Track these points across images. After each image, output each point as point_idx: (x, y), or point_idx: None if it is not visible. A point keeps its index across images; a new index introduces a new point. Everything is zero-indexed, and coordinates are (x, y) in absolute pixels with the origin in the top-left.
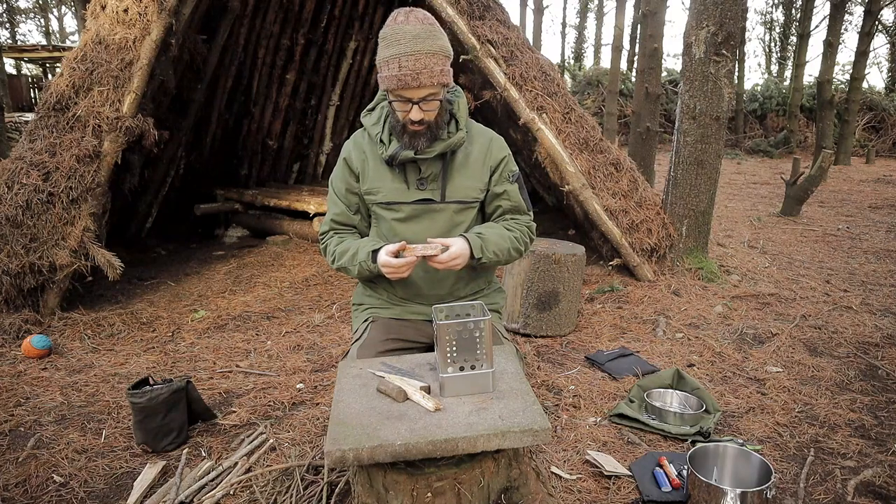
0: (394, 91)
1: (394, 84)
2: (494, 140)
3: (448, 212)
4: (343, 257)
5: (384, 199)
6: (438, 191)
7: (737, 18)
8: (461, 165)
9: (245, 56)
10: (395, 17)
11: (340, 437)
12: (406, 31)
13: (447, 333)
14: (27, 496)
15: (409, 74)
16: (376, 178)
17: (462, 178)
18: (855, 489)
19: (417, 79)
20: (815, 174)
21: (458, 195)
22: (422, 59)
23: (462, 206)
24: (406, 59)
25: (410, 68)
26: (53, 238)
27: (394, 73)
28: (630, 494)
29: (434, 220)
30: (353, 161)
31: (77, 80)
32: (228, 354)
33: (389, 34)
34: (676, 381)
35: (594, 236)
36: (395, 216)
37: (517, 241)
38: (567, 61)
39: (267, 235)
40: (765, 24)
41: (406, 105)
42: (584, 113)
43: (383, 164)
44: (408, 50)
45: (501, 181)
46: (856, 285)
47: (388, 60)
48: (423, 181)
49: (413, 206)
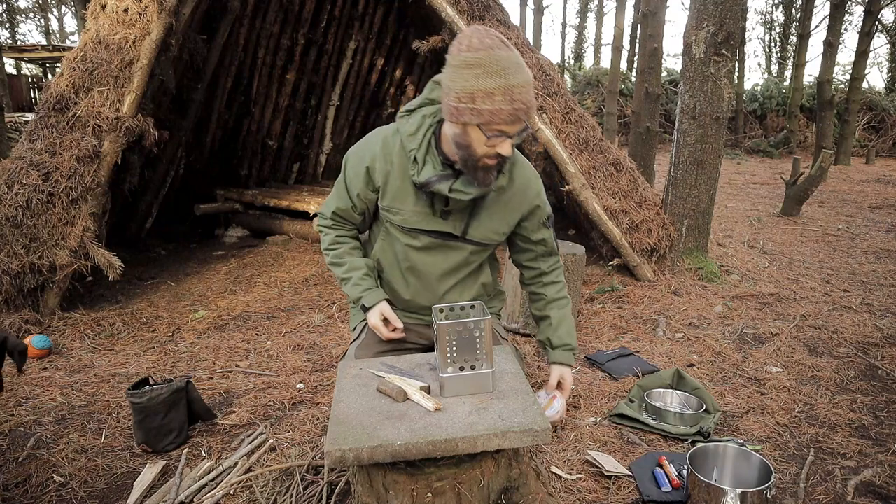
0: (494, 126)
1: (504, 118)
2: (533, 183)
3: (465, 251)
4: (337, 268)
5: (403, 222)
6: (461, 226)
7: (737, 18)
8: (491, 204)
9: (245, 56)
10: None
11: (340, 437)
12: (506, 57)
13: (447, 333)
14: (27, 496)
15: (522, 109)
16: (399, 197)
17: (489, 220)
18: (855, 489)
19: (528, 113)
20: (815, 174)
21: (479, 236)
22: (529, 90)
23: (478, 248)
24: (519, 92)
25: (524, 101)
26: (53, 238)
27: (504, 107)
28: (630, 494)
29: (448, 255)
30: (375, 172)
31: (77, 80)
32: (228, 354)
33: (487, 60)
34: (676, 381)
35: (594, 236)
36: (412, 243)
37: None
38: (567, 61)
39: (267, 235)
40: (765, 24)
41: (499, 140)
42: (584, 113)
43: (410, 184)
44: (519, 81)
45: (539, 228)
46: (856, 285)
47: (494, 91)
48: (447, 212)
49: (431, 238)
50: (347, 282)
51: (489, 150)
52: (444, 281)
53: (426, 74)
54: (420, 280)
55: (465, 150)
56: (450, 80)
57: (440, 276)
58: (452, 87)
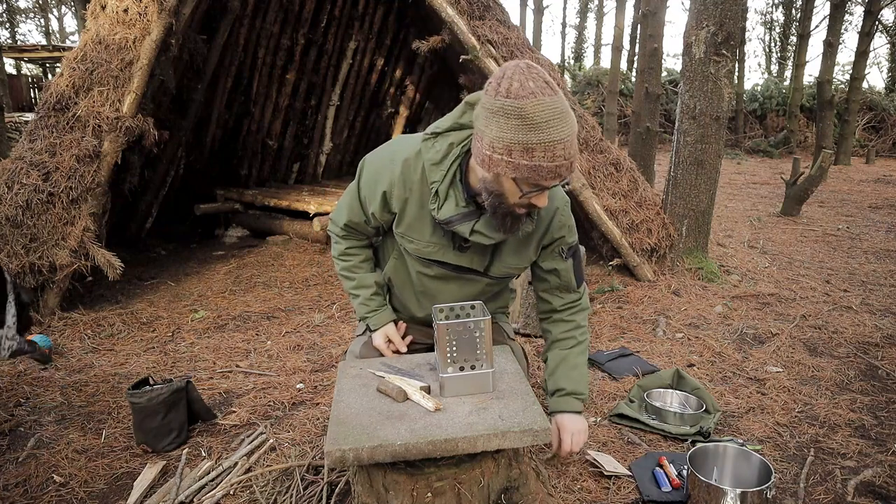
0: (533, 181)
1: (544, 175)
2: (559, 213)
3: (482, 283)
4: (346, 280)
5: (417, 252)
6: (482, 261)
7: (737, 18)
8: (514, 242)
9: (245, 56)
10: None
11: (340, 437)
12: (550, 106)
13: (447, 333)
14: (27, 496)
15: (565, 165)
16: (415, 226)
17: (511, 257)
18: (855, 489)
19: (571, 168)
20: (815, 174)
21: (500, 272)
22: (573, 143)
23: (498, 282)
24: (562, 148)
25: (566, 157)
26: (53, 238)
27: (545, 164)
28: (630, 494)
29: (463, 286)
30: (392, 198)
31: (77, 80)
32: (228, 354)
33: (530, 110)
34: (676, 381)
35: (594, 236)
36: (426, 271)
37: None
38: (567, 61)
39: (267, 235)
40: (765, 24)
41: (535, 193)
42: (584, 113)
43: (428, 215)
44: (562, 136)
45: (553, 257)
46: (856, 285)
47: (532, 147)
48: (465, 248)
49: (447, 270)
50: (356, 298)
51: (523, 201)
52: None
53: (426, 74)
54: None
55: (495, 197)
56: (484, 126)
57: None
58: (486, 133)
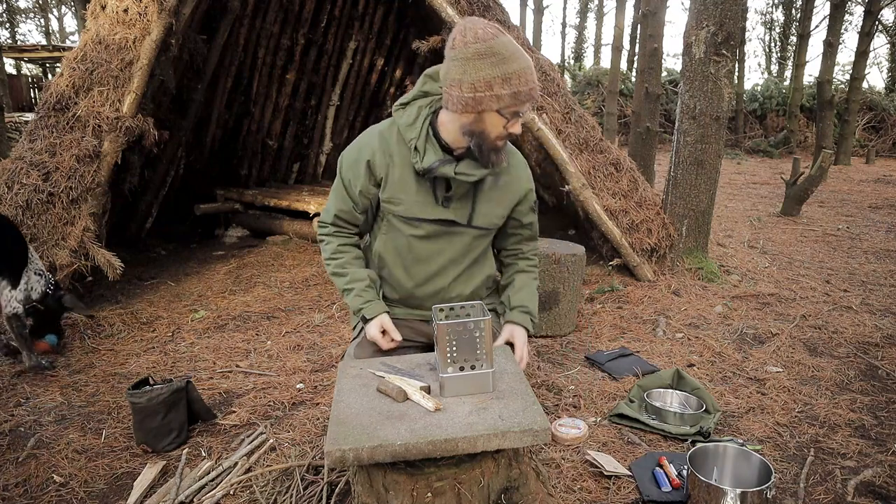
0: (511, 108)
1: (523, 98)
2: (522, 167)
3: (469, 236)
4: (338, 278)
5: (406, 212)
6: (465, 213)
7: (737, 18)
8: (490, 190)
9: (245, 56)
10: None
11: (340, 437)
12: (510, 43)
13: (447, 333)
14: (27, 496)
15: (535, 88)
16: (400, 187)
17: (490, 205)
18: (855, 489)
19: (538, 92)
20: (815, 174)
21: (483, 221)
22: (534, 72)
23: (483, 232)
24: (528, 74)
25: (532, 83)
26: (53, 238)
27: (521, 89)
28: (630, 494)
29: (452, 241)
30: (376, 166)
31: (77, 80)
32: (228, 354)
33: (498, 48)
34: (676, 381)
35: (594, 236)
36: (415, 232)
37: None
38: (567, 61)
39: (267, 235)
40: (765, 24)
41: (514, 121)
42: (584, 113)
43: (411, 173)
44: (528, 63)
45: (528, 212)
46: (856, 285)
47: (510, 76)
48: (449, 199)
49: (435, 226)
50: (349, 293)
51: (504, 131)
52: (449, 270)
53: None
54: (425, 271)
55: (478, 136)
56: (460, 75)
57: (445, 265)
58: (465, 80)
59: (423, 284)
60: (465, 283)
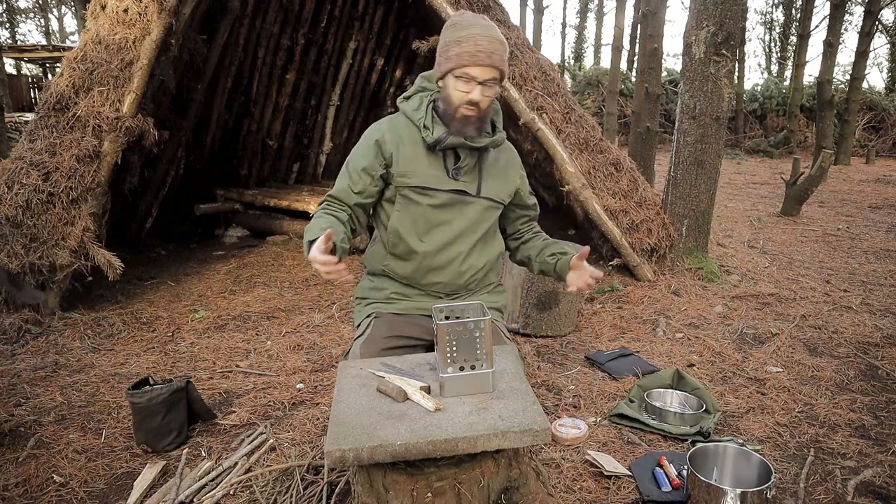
0: (462, 68)
1: (465, 59)
2: (515, 155)
3: (479, 206)
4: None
5: (419, 182)
6: (474, 184)
7: (737, 18)
8: (492, 166)
9: (245, 56)
10: (462, 13)
11: (340, 437)
12: (478, 20)
13: (447, 333)
14: (27, 496)
15: (485, 51)
16: (412, 161)
17: (494, 180)
18: (855, 489)
19: (491, 57)
20: (815, 174)
21: (490, 193)
22: (494, 42)
23: (491, 205)
24: (482, 38)
25: (486, 47)
26: (53, 238)
27: (469, 50)
28: (630, 494)
29: (464, 212)
30: (385, 143)
31: (77, 80)
32: (228, 354)
33: (461, 21)
34: (676, 381)
35: (594, 236)
36: (431, 202)
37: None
38: (567, 61)
39: (267, 235)
40: (765, 24)
41: (469, 84)
42: (584, 113)
43: (421, 150)
44: (484, 32)
45: (528, 195)
46: (856, 285)
47: (462, 39)
48: (458, 171)
49: (448, 195)
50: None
51: (463, 95)
52: (463, 238)
53: None
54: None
55: (445, 103)
56: (438, 50)
57: (459, 233)
58: (438, 52)
59: (440, 252)
60: (479, 255)
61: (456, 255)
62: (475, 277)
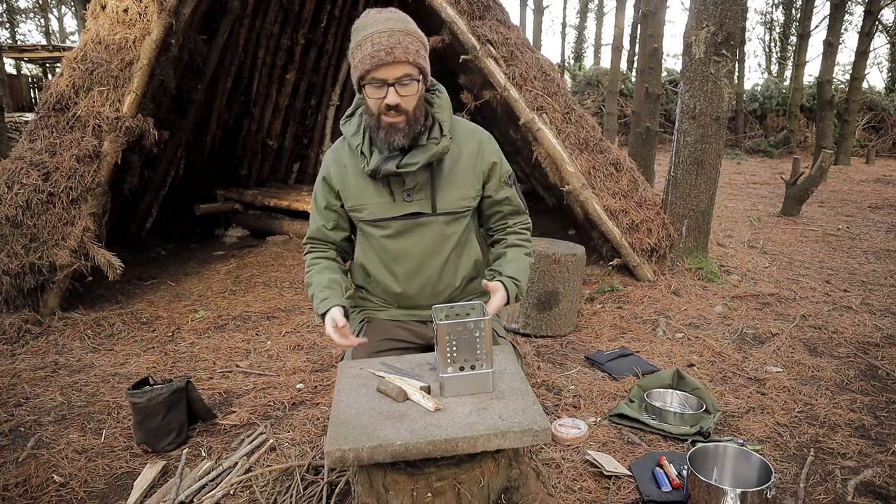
0: (368, 74)
1: (367, 64)
2: (484, 142)
3: (438, 224)
4: (308, 289)
5: (371, 216)
6: (428, 202)
7: (737, 18)
8: (450, 173)
9: (245, 56)
10: (366, 12)
11: (340, 437)
12: (377, 17)
13: (447, 333)
14: (27, 496)
15: (383, 49)
16: (360, 193)
17: (452, 188)
18: (855, 489)
19: (392, 53)
20: (815, 174)
21: (448, 206)
22: (395, 35)
23: (452, 217)
24: (378, 36)
25: (384, 44)
26: (53, 238)
27: (366, 53)
28: (630, 494)
29: (423, 234)
30: (332, 179)
31: (77, 80)
32: (228, 354)
33: (360, 23)
34: (676, 381)
35: (594, 236)
36: (384, 233)
37: (531, 255)
38: (567, 61)
39: (267, 235)
40: (765, 24)
41: (381, 90)
42: (584, 113)
43: (366, 178)
44: (382, 28)
45: (501, 187)
46: (856, 285)
47: (360, 43)
48: (409, 192)
49: (402, 222)
50: (314, 298)
51: (378, 102)
52: (429, 262)
53: None
54: (406, 267)
55: (368, 117)
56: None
57: (424, 258)
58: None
59: (410, 282)
60: (453, 272)
61: (426, 281)
62: (455, 293)
